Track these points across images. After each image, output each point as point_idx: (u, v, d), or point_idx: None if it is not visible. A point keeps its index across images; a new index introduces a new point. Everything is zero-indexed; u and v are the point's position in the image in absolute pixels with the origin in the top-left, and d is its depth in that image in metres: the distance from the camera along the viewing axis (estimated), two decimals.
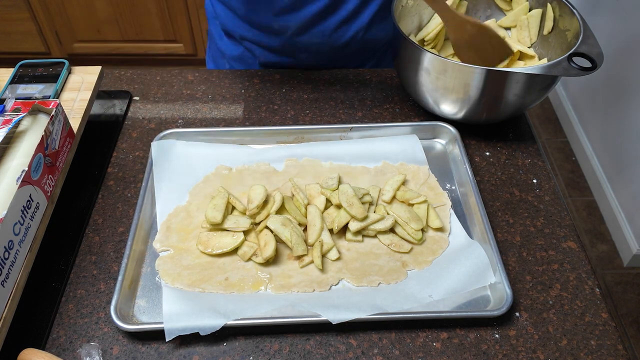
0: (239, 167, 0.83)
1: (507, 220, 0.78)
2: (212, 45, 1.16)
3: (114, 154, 0.88)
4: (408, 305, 0.65)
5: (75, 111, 0.84)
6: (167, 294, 0.66)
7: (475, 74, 0.79)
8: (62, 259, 0.73)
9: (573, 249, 0.74)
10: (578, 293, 0.70)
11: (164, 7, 2.37)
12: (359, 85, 1.01)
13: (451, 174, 0.84)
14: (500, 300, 0.66)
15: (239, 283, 0.69)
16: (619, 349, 0.64)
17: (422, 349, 0.64)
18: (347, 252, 0.73)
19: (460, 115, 0.87)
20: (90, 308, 0.68)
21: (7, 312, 0.60)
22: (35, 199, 0.67)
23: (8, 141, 0.72)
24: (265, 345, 0.64)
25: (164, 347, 0.64)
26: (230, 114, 0.95)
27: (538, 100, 0.85)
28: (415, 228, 0.73)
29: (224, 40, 1.10)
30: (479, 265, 0.69)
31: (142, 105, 0.97)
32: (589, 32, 0.82)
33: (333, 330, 0.65)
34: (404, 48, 0.86)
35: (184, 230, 0.74)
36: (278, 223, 0.72)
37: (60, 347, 0.64)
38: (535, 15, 0.92)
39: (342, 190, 0.75)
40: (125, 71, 1.04)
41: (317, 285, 0.68)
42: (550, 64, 0.77)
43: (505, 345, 0.64)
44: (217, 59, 1.16)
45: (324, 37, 0.99)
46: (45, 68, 0.90)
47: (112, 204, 0.80)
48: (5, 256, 0.60)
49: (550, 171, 0.85)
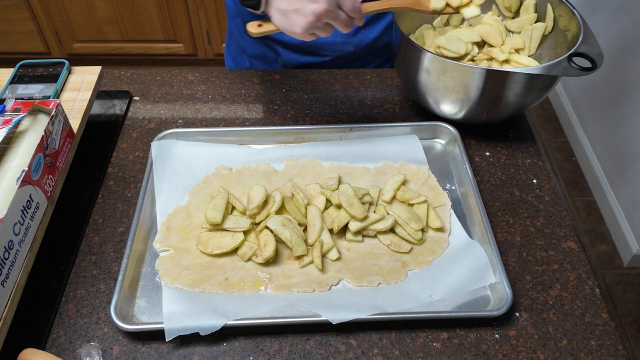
0: (239, 167, 0.83)
1: (507, 220, 0.78)
2: (232, 43, 1.15)
3: (114, 154, 0.88)
4: (408, 305, 0.65)
5: (75, 111, 0.84)
6: (167, 294, 0.66)
7: (475, 74, 0.79)
8: (62, 259, 0.73)
9: (573, 249, 0.74)
10: (578, 293, 0.70)
11: (164, 7, 2.37)
12: (359, 85, 1.00)
13: (451, 174, 0.84)
14: (500, 300, 0.66)
15: (239, 283, 0.69)
16: (619, 349, 0.64)
17: (422, 349, 0.64)
18: (347, 252, 0.73)
19: (460, 115, 0.87)
20: (90, 308, 0.68)
21: (7, 312, 0.60)
22: (35, 199, 0.67)
23: (8, 141, 0.72)
24: (265, 345, 0.64)
25: (164, 347, 0.64)
26: (230, 114, 0.95)
27: (538, 100, 0.85)
28: (415, 228, 0.73)
29: (245, 38, 1.09)
30: (479, 265, 0.69)
31: (142, 105, 0.97)
32: (589, 32, 0.82)
33: (333, 330, 0.65)
34: (404, 48, 0.86)
35: (184, 230, 0.74)
36: (278, 223, 0.72)
37: (60, 347, 0.64)
38: (539, 28, 0.92)
39: (342, 190, 0.75)
40: (125, 71, 1.04)
41: (317, 286, 0.68)
42: (550, 64, 0.77)
43: (505, 345, 0.64)
44: (237, 57, 1.15)
45: (348, 37, 0.99)
46: (45, 68, 0.90)
47: (112, 204, 0.80)
48: (5, 256, 0.60)
49: (550, 171, 0.85)
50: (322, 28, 0.71)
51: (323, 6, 0.68)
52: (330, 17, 0.70)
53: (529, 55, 0.94)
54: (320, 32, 0.72)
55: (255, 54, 1.09)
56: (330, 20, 0.70)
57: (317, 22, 0.69)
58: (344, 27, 0.72)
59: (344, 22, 0.72)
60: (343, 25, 0.72)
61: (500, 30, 0.94)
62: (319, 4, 0.68)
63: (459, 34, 0.93)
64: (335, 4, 0.69)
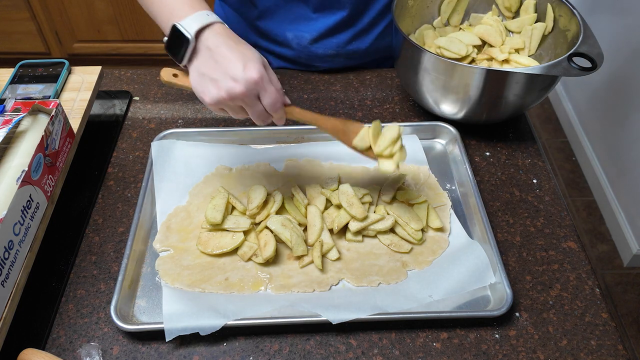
0: (239, 167, 0.83)
1: (507, 220, 0.78)
2: None
3: (114, 154, 0.88)
4: (408, 305, 0.65)
5: (75, 111, 0.84)
6: (167, 294, 0.66)
7: (475, 74, 0.79)
8: (62, 259, 0.73)
9: (573, 249, 0.74)
10: (578, 293, 0.70)
11: None
12: (359, 85, 1.00)
13: (451, 174, 0.84)
14: (500, 300, 0.66)
15: (239, 283, 0.69)
16: (619, 349, 0.64)
17: (422, 349, 0.64)
18: (347, 252, 0.73)
19: (460, 115, 0.87)
20: (90, 308, 0.68)
21: (7, 312, 0.60)
22: (35, 199, 0.67)
23: (8, 141, 0.72)
24: (265, 345, 0.64)
25: (164, 347, 0.64)
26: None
27: (538, 101, 0.85)
28: (415, 228, 0.73)
29: None
30: (479, 265, 0.69)
31: (142, 105, 0.97)
32: (589, 32, 0.82)
33: (333, 331, 0.65)
34: (404, 48, 0.86)
35: (184, 230, 0.74)
36: (278, 223, 0.72)
37: (60, 347, 0.64)
38: (539, 28, 0.92)
39: (342, 190, 0.75)
40: (125, 71, 1.04)
41: (317, 286, 0.68)
42: (550, 64, 0.77)
43: (505, 345, 0.64)
44: None
45: (338, 48, 0.98)
46: (45, 68, 0.90)
47: (112, 204, 0.80)
48: (5, 256, 0.60)
49: (550, 171, 0.85)
50: (233, 109, 0.65)
51: (240, 89, 0.61)
52: (245, 103, 0.63)
53: (529, 55, 0.94)
54: (231, 112, 0.65)
55: None
56: (244, 105, 0.64)
57: (229, 101, 0.63)
58: (257, 119, 0.66)
59: (259, 115, 0.65)
60: (257, 116, 0.65)
61: (500, 30, 0.94)
62: (237, 84, 0.61)
63: (459, 35, 0.94)
64: (254, 94, 0.63)
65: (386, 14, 0.98)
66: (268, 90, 0.63)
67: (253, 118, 0.66)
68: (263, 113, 0.65)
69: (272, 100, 0.64)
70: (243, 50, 0.63)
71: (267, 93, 0.63)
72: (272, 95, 0.64)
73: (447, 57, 0.86)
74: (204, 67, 0.63)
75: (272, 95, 0.64)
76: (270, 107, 0.64)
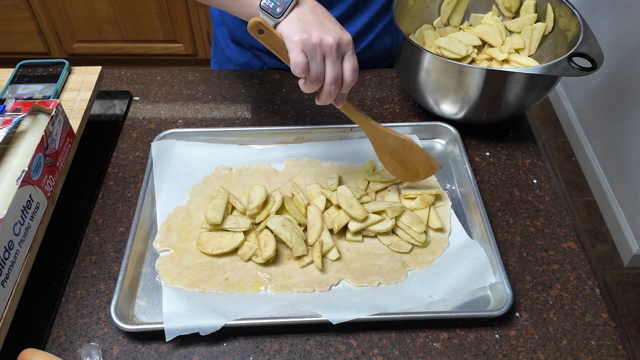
0: (239, 167, 0.83)
1: (507, 221, 0.78)
2: (218, 51, 1.14)
3: (114, 154, 0.88)
4: (408, 306, 0.65)
5: (75, 111, 0.84)
6: (167, 294, 0.66)
7: (475, 74, 0.79)
8: (62, 259, 0.73)
9: (573, 249, 0.74)
10: (578, 293, 0.70)
11: (164, 7, 2.36)
12: (359, 85, 1.00)
13: (451, 174, 0.84)
14: (500, 300, 0.66)
15: (239, 283, 0.69)
16: (619, 349, 0.64)
17: (422, 349, 0.64)
18: (347, 252, 0.73)
19: (460, 115, 0.87)
20: (90, 308, 0.68)
21: (7, 312, 0.60)
22: (35, 199, 0.67)
23: (8, 141, 0.72)
24: (265, 345, 0.64)
25: (164, 347, 0.64)
26: (230, 114, 0.95)
27: (538, 101, 0.85)
28: (418, 231, 0.72)
29: (230, 47, 1.08)
30: (479, 265, 0.69)
31: (142, 105, 0.97)
32: (589, 32, 0.82)
33: (333, 331, 0.65)
34: (404, 48, 0.86)
35: (184, 231, 0.74)
36: (278, 223, 0.72)
37: (60, 347, 0.64)
38: (539, 28, 0.92)
39: (340, 192, 0.75)
40: (125, 71, 1.04)
41: (317, 286, 0.68)
42: (550, 64, 0.77)
43: (505, 345, 0.64)
44: (223, 65, 1.13)
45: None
46: (45, 68, 0.90)
47: (112, 204, 0.80)
48: (5, 256, 0.60)
49: (550, 171, 0.85)
50: (314, 58, 0.64)
51: (333, 40, 0.63)
52: (330, 57, 0.64)
53: (529, 55, 0.94)
54: (312, 63, 0.64)
55: (241, 63, 1.08)
56: (328, 59, 0.64)
57: (317, 46, 0.63)
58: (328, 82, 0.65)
59: (333, 78, 0.65)
60: (330, 79, 0.65)
61: (500, 30, 0.94)
62: (331, 36, 0.63)
63: (459, 35, 0.94)
64: (342, 52, 0.65)
65: (385, 14, 0.98)
66: (353, 56, 0.67)
67: (319, 81, 0.65)
68: (338, 78, 0.66)
69: (354, 66, 0.67)
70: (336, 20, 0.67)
71: (352, 57, 0.67)
72: (355, 61, 0.67)
73: (447, 57, 0.86)
74: (304, 16, 0.66)
75: (355, 62, 0.67)
76: (350, 71, 0.66)
